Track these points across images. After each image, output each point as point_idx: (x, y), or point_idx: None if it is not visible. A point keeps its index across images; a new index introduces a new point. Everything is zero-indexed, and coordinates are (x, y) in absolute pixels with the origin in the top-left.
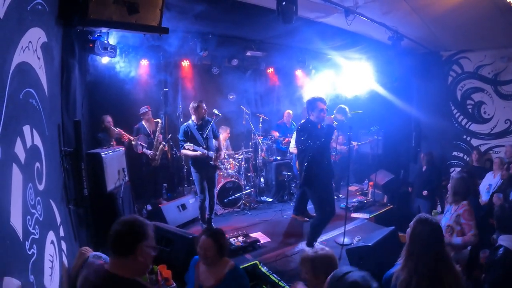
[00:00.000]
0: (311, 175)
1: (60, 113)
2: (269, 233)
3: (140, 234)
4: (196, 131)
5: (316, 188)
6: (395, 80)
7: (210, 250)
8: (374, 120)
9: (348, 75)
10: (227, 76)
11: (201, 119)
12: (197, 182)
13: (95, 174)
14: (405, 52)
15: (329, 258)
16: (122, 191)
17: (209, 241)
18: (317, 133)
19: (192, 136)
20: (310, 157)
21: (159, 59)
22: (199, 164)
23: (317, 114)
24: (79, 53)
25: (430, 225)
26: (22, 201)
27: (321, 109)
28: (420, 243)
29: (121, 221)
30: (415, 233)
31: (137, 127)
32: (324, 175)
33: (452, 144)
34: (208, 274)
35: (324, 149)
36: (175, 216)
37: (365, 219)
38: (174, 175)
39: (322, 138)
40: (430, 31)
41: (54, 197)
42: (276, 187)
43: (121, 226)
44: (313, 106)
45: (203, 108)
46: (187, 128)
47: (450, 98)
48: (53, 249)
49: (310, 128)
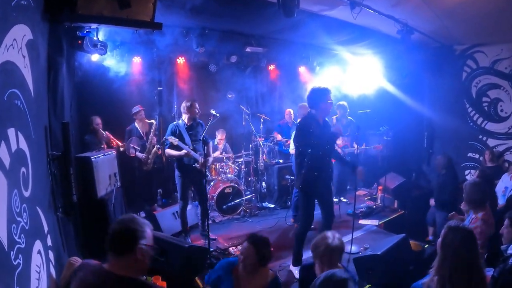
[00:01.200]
0: (311, 180)
1: (47, 115)
2: (271, 241)
3: (139, 232)
4: (185, 131)
5: (311, 195)
6: (405, 76)
7: (251, 258)
8: (383, 119)
9: (355, 71)
10: (226, 74)
11: (192, 119)
12: (179, 186)
13: (84, 179)
14: (416, 47)
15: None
16: (113, 197)
17: (251, 249)
18: (321, 130)
19: (180, 136)
20: (311, 159)
21: (152, 56)
22: (183, 167)
23: (325, 107)
24: (67, 50)
25: (462, 233)
26: (6, 209)
27: (330, 102)
28: (452, 252)
29: (119, 220)
30: (446, 242)
31: (129, 129)
32: (325, 179)
33: (467, 144)
34: (248, 282)
35: (325, 152)
36: (170, 223)
37: (374, 226)
38: (169, 179)
39: (327, 139)
40: (442, 24)
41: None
42: (278, 192)
43: (119, 225)
44: (321, 98)
45: (196, 107)
46: (176, 127)
47: (465, 95)
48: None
49: (314, 124)
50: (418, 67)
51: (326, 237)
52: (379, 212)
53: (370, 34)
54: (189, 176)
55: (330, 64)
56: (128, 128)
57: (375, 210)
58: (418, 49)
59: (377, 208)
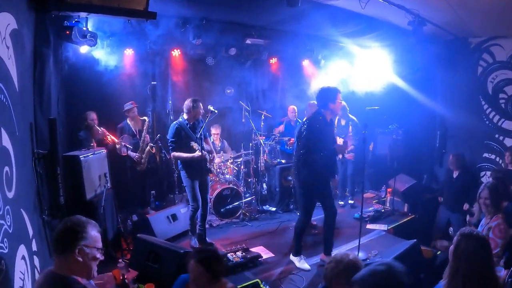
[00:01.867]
0: (315, 179)
1: (33, 110)
2: (273, 247)
3: (78, 233)
4: (189, 131)
5: (312, 193)
6: (417, 71)
7: (202, 277)
8: (392, 117)
9: (362, 65)
10: (224, 68)
11: (195, 119)
12: (189, 188)
13: (72, 179)
14: (428, 39)
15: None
16: (103, 199)
17: (199, 268)
18: (329, 130)
19: (186, 137)
20: (310, 156)
21: (145, 48)
22: (193, 167)
23: (333, 108)
24: (55, 41)
25: (476, 240)
26: None
27: (340, 102)
28: (465, 260)
29: (63, 221)
30: (459, 250)
31: (121, 126)
32: (323, 176)
33: (483, 144)
34: None
35: (327, 147)
36: (164, 228)
37: (382, 231)
38: (164, 181)
39: (333, 138)
40: (456, 15)
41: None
42: (280, 194)
43: (61, 225)
44: (330, 98)
45: (201, 108)
46: (180, 127)
47: (480, 92)
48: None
49: (323, 123)
50: (430, 61)
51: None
52: (388, 216)
53: (379, 25)
54: (198, 175)
55: (336, 57)
56: (119, 126)
57: (383, 214)
58: (430, 42)
59: (385, 212)
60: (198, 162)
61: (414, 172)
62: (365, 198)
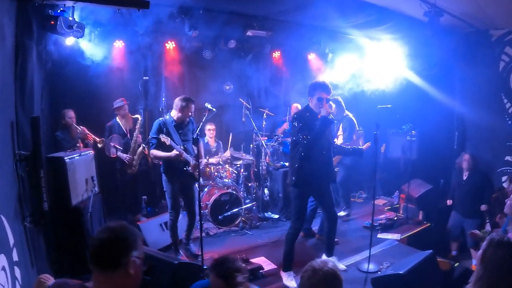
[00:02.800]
0: (305, 175)
1: (14, 108)
2: (275, 258)
3: (131, 242)
4: (173, 129)
5: (304, 192)
6: (433, 66)
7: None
8: (406, 116)
9: (374, 60)
10: (223, 62)
11: (182, 120)
12: (169, 194)
13: (57, 183)
14: (446, 31)
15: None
16: (90, 205)
17: (219, 283)
18: (313, 125)
19: (168, 134)
20: (303, 153)
21: (137, 40)
22: (172, 170)
23: (315, 103)
24: (38, 32)
25: (507, 248)
26: None
27: (319, 97)
28: (493, 269)
29: (106, 228)
30: (486, 257)
31: (110, 125)
32: (322, 176)
33: (505, 146)
34: None
35: (321, 145)
36: (157, 236)
37: (395, 240)
38: (156, 185)
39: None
40: (477, 4)
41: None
42: (283, 200)
43: (108, 234)
44: (312, 92)
45: (191, 110)
46: (163, 124)
47: (502, 89)
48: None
49: (308, 117)
50: (448, 55)
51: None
52: (401, 224)
53: (392, 16)
54: (179, 181)
55: (345, 51)
56: (108, 124)
57: (396, 223)
58: (448, 35)
59: (398, 220)
60: (178, 164)
61: (429, 177)
62: (376, 205)
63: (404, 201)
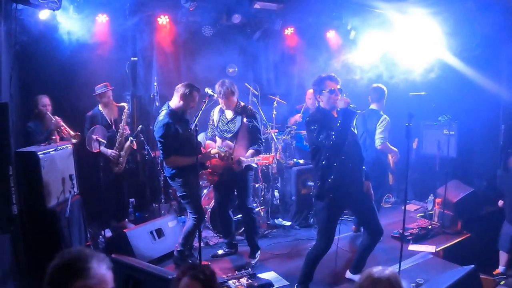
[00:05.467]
0: (329, 186)
1: None
2: (287, 273)
3: (76, 270)
4: (183, 126)
5: (332, 205)
6: (476, 46)
7: None
8: (443, 106)
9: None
10: (226, 40)
11: (184, 110)
12: (191, 197)
13: (29, 183)
14: (491, 5)
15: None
16: (68, 208)
17: (195, 285)
18: (332, 125)
19: (177, 132)
20: (325, 161)
21: (124, 14)
22: (191, 172)
23: (327, 98)
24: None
25: None
26: None
27: (331, 90)
28: None
29: (60, 253)
30: None
31: (92, 115)
32: (350, 184)
33: None
34: None
35: (345, 147)
36: (146, 246)
37: (429, 253)
38: (146, 186)
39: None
40: None
41: None
42: (297, 204)
43: (58, 259)
44: (320, 88)
45: (195, 98)
46: (171, 122)
47: None
48: None
49: (322, 118)
50: (495, 33)
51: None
52: (437, 234)
53: None
54: (196, 181)
55: (371, 27)
56: (89, 114)
57: (430, 232)
58: (495, 8)
59: (433, 229)
60: (196, 165)
61: (470, 178)
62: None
63: (440, 207)
